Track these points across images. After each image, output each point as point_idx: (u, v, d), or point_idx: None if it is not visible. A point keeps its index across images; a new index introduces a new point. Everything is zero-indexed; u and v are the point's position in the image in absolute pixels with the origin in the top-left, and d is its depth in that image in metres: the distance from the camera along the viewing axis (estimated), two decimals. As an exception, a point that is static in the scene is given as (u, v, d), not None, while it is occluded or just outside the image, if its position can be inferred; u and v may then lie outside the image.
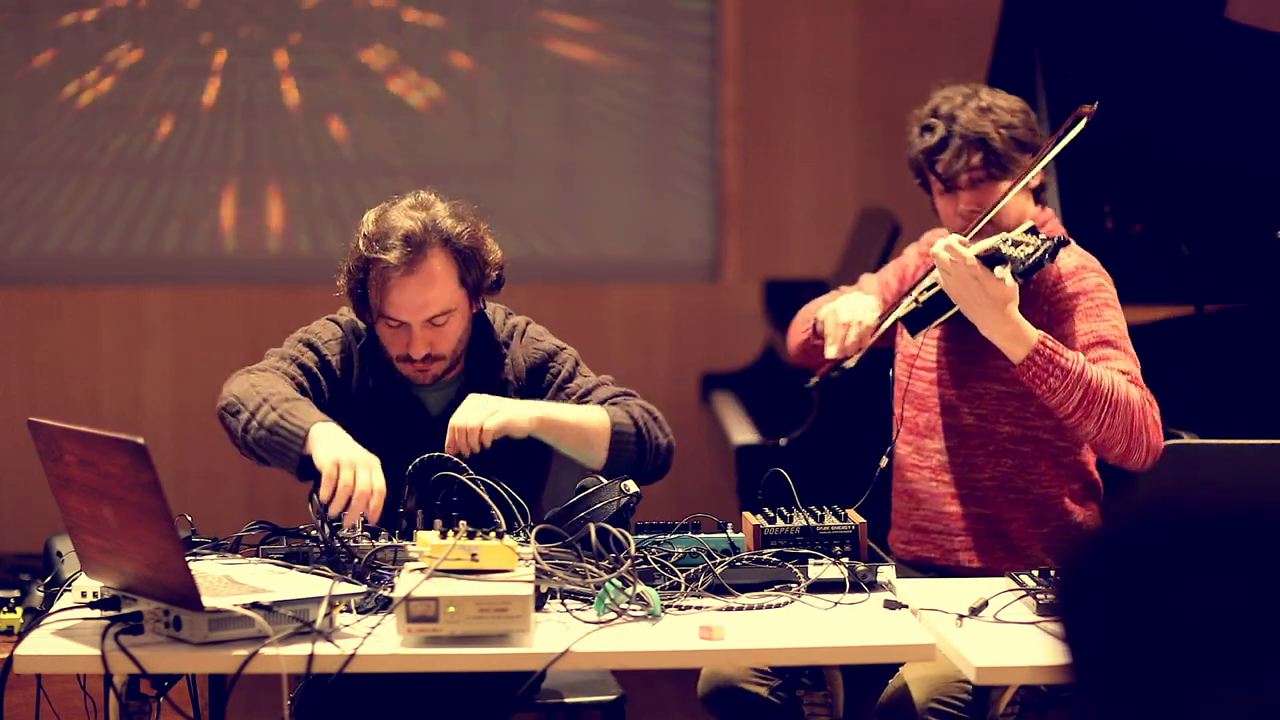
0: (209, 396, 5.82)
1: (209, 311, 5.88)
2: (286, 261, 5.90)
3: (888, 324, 3.20)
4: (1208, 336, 4.31)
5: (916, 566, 3.23)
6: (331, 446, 2.77)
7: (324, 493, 2.72)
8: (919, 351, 3.24)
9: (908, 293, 3.19)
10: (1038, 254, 2.83)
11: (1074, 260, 3.10)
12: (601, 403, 3.02)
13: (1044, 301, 3.08)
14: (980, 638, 2.48)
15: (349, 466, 2.73)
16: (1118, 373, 2.96)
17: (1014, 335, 2.92)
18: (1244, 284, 4.44)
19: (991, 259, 2.91)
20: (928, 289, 3.09)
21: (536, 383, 3.08)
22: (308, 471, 2.81)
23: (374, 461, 2.77)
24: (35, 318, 5.85)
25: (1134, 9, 4.52)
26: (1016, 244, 2.89)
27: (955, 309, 3.01)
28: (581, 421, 2.93)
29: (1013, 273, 2.87)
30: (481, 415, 2.85)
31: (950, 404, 3.17)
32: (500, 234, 3.16)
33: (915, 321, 3.09)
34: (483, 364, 3.08)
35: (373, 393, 3.06)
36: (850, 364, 3.24)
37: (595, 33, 5.96)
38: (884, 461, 3.18)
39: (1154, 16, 4.50)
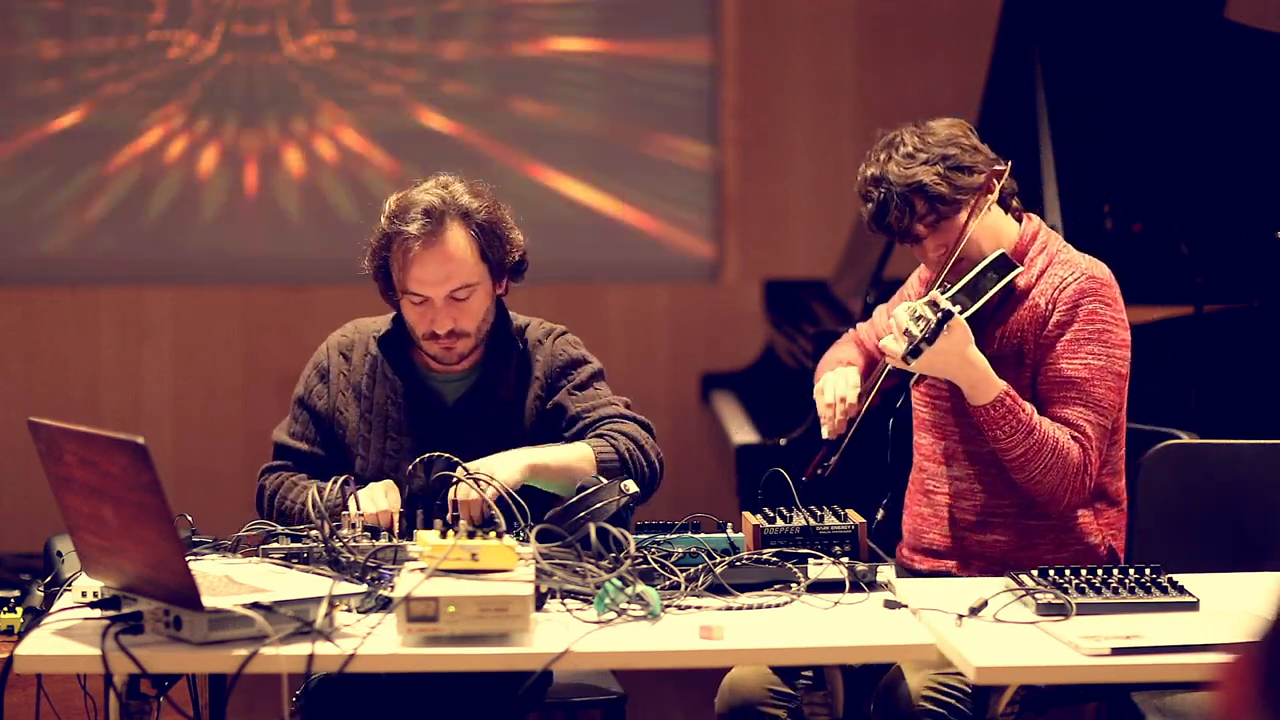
0: (209, 397, 5.88)
1: (209, 311, 5.88)
2: (286, 261, 5.90)
3: (868, 402, 3.24)
4: (1207, 336, 4.30)
5: (920, 576, 3.22)
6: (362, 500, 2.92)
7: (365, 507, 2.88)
8: (936, 380, 3.20)
9: (882, 369, 3.21)
10: (920, 337, 2.89)
11: (1074, 286, 3.05)
12: (597, 423, 3.08)
13: (1037, 320, 3.05)
14: (980, 638, 2.48)
15: (367, 498, 2.91)
16: (1068, 434, 2.98)
17: (977, 382, 2.98)
18: (1244, 284, 4.44)
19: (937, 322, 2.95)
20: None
21: (555, 383, 3.16)
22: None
23: (388, 484, 2.97)
24: (35, 318, 5.85)
25: (1134, 9, 4.52)
26: (918, 317, 2.93)
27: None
28: (567, 463, 2.98)
29: (901, 355, 2.93)
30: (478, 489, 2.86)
31: (971, 431, 3.12)
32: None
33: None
34: (500, 356, 3.14)
35: (389, 384, 3.13)
36: (832, 462, 3.22)
37: (595, 33, 5.96)
38: (880, 513, 3.25)
39: (1154, 16, 4.50)
